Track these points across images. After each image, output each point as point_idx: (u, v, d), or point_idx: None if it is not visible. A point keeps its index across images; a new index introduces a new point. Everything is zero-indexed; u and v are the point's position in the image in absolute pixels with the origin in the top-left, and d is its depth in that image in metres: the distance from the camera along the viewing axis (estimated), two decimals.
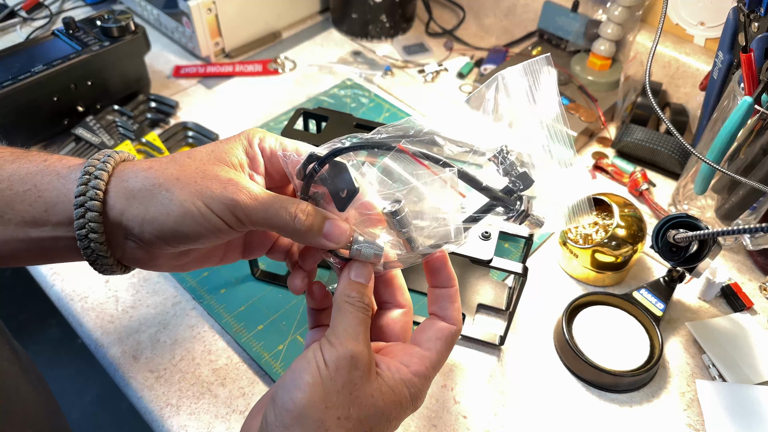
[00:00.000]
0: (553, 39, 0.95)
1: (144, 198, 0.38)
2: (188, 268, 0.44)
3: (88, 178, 0.38)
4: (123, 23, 0.82)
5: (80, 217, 0.37)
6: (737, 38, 0.67)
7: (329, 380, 0.36)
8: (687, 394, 0.60)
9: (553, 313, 0.66)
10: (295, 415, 0.36)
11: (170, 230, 0.37)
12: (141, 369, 0.60)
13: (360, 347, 0.37)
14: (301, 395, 0.36)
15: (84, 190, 0.38)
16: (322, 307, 0.45)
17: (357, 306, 0.39)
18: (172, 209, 0.37)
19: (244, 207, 0.37)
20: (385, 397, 0.38)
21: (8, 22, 1.04)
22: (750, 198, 0.65)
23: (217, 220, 0.37)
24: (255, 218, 0.38)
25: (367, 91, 0.94)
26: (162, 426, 0.56)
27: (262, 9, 1.00)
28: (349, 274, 0.40)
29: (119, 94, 0.86)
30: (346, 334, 0.37)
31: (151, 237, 0.38)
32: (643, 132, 0.80)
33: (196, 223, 0.37)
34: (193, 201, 0.37)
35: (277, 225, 0.38)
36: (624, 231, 0.65)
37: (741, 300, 0.66)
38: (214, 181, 0.38)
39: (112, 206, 0.38)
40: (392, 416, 0.38)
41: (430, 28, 1.07)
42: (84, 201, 0.37)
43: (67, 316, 0.66)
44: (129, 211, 0.38)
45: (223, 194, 0.37)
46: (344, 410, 0.36)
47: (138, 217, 0.38)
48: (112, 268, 0.40)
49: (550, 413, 0.58)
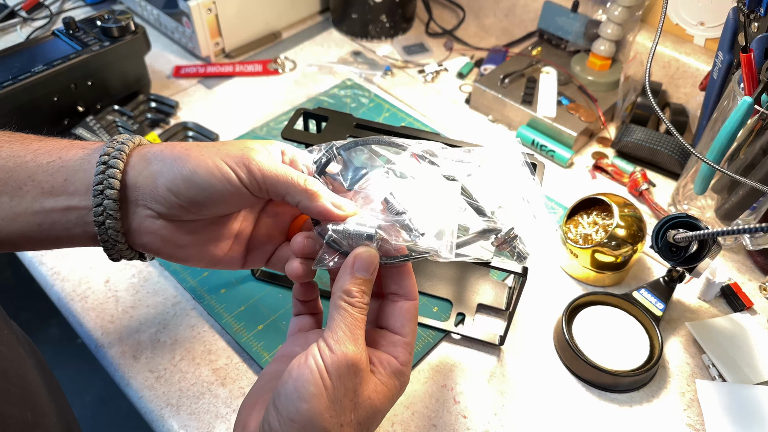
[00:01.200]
0: (553, 39, 0.95)
1: (163, 157, 0.40)
2: (191, 256, 0.44)
3: (115, 143, 0.41)
4: (123, 23, 0.82)
5: (101, 173, 0.39)
6: (737, 38, 0.67)
7: (332, 389, 0.36)
8: (687, 394, 0.60)
9: (553, 313, 0.66)
10: (301, 426, 0.36)
11: (183, 179, 0.39)
12: (141, 369, 0.60)
13: (359, 352, 0.37)
14: (306, 406, 0.36)
15: (110, 151, 0.40)
16: (307, 298, 0.45)
17: (357, 307, 0.39)
18: (188, 161, 0.39)
19: (258, 164, 0.39)
20: (380, 395, 0.39)
21: (8, 22, 1.04)
22: (750, 198, 0.65)
23: (231, 173, 0.39)
24: (269, 176, 0.39)
25: (367, 91, 0.94)
26: (162, 426, 0.56)
27: (262, 9, 1.00)
28: (351, 267, 0.39)
29: (119, 94, 0.86)
30: (345, 338, 0.37)
31: (164, 191, 0.39)
32: (643, 132, 0.81)
33: (210, 173, 0.39)
34: (212, 157, 0.39)
35: (289, 185, 0.40)
36: (624, 231, 0.65)
37: (741, 300, 0.66)
38: (232, 147, 0.40)
39: (132, 167, 0.40)
40: (385, 409, 0.40)
41: (430, 28, 1.07)
42: (107, 159, 0.39)
43: (67, 316, 0.66)
44: (147, 170, 0.40)
45: (241, 152, 0.40)
46: (347, 416, 0.37)
47: (155, 172, 0.40)
48: (117, 235, 0.41)
49: (550, 413, 0.58)
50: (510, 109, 0.87)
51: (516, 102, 0.86)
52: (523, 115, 0.86)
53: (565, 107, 0.85)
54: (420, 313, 0.65)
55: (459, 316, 0.65)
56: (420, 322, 0.64)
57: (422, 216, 0.41)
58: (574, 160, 0.84)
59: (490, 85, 0.89)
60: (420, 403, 0.58)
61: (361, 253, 0.39)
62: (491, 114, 0.90)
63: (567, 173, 0.82)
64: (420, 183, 0.42)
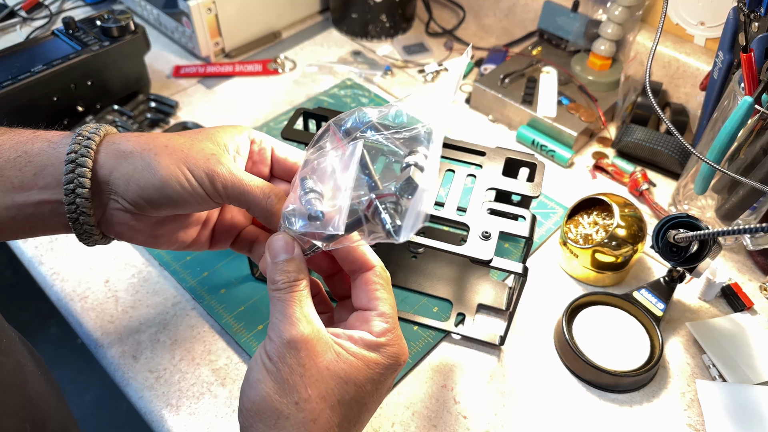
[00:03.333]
0: (553, 39, 0.95)
1: (134, 159, 0.40)
2: (161, 243, 0.46)
3: (81, 138, 0.40)
4: (123, 23, 0.82)
5: (70, 172, 0.39)
6: (737, 38, 0.67)
7: (275, 371, 0.37)
8: (687, 394, 0.60)
9: (553, 313, 0.66)
10: (254, 413, 0.37)
11: (154, 190, 0.40)
12: (141, 369, 0.60)
13: (295, 331, 0.37)
14: (254, 393, 0.37)
15: (76, 148, 0.40)
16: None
17: (283, 289, 0.39)
18: (158, 171, 0.40)
19: (222, 178, 0.41)
20: (346, 365, 0.37)
21: (8, 22, 1.04)
22: (750, 198, 0.65)
23: (198, 186, 0.40)
24: (231, 191, 0.41)
25: (367, 91, 0.93)
26: (162, 426, 0.56)
27: (262, 9, 1.00)
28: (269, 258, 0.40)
29: (119, 94, 0.86)
30: (279, 322, 0.38)
31: (134, 196, 0.40)
32: (643, 132, 0.80)
33: (179, 185, 0.40)
34: (179, 166, 0.40)
35: (250, 201, 0.42)
36: (624, 231, 0.65)
37: (741, 300, 0.66)
38: (198, 153, 0.41)
39: (102, 164, 0.40)
40: (366, 384, 0.38)
41: (430, 28, 1.07)
42: (75, 158, 0.39)
43: (66, 316, 0.66)
44: (118, 170, 0.40)
45: (206, 165, 0.41)
46: (300, 393, 0.36)
47: (126, 175, 0.40)
48: (92, 229, 0.42)
49: (551, 413, 0.58)
50: (510, 109, 0.87)
51: (516, 102, 0.86)
52: (524, 114, 0.86)
53: (565, 107, 0.85)
54: (420, 313, 0.64)
55: (459, 316, 0.65)
56: (420, 322, 0.64)
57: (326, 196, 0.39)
58: (575, 160, 0.84)
59: (490, 84, 0.89)
60: (420, 403, 0.58)
61: (272, 242, 0.40)
62: (491, 114, 0.90)
63: (567, 173, 0.82)
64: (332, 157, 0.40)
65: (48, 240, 0.71)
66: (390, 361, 0.39)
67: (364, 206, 0.38)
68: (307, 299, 0.39)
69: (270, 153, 0.47)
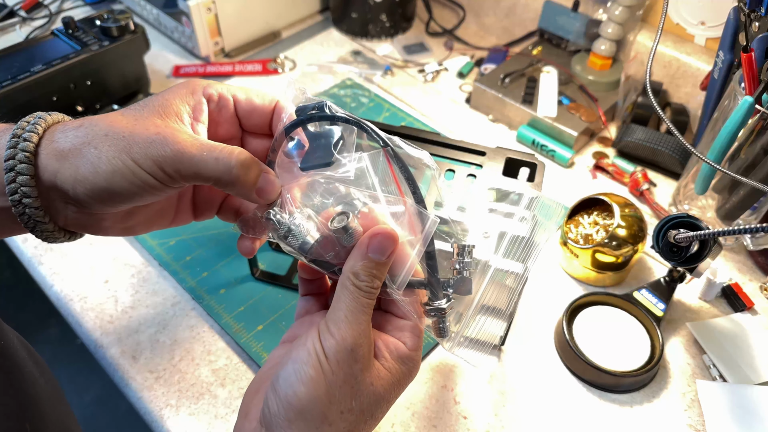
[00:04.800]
0: (553, 38, 0.95)
1: (74, 157, 0.36)
2: (138, 231, 0.42)
3: (16, 141, 0.36)
4: (122, 23, 0.82)
5: (11, 181, 0.35)
6: (738, 38, 0.67)
7: (331, 374, 0.35)
8: (688, 395, 0.60)
9: (554, 313, 0.66)
10: (299, 410, 0.35)
11: (101, 189, 0.36)
12: (140, 369, 0.60)
13: (361, 338, 0.36)
14: (304, 389, 0.35)
15: (13, 153, 0.35)
16: (313, 277, 0.44)
17: (364, 291, 0.37)
18: (100, 167, 0.35)
19: (171, 161, 0.36)
20: (384, 381, 0.38)
21: (8, 22, 1.03)
22: (751, 198, 0.65)
23: (146, 176, 0.36)
24: (184, 172, 0.36)
25: (367, 91, 0.93)
26: (162, 426, 0.56)
27: (262, 8, 1.00)
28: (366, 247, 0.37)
29: (119, 93, 0.86)
30: (347, 321, 0.36)
31: (84, 197, 0.36)
32: (643, 132, 0.80)
33: (126, 180, 0.36)
34: (121, 157, 0.35)
35: (210, 177, 0.36)
36: (624, 231, 0.64)
37: (742, 300, 0.66)
38: (141, 136, 0.36)
39: (44, 168, 0.36)
40: (391, 396, 0.39)
41: (430, 28, 1.07)
42: (14, 165, 0.35)
43: (66, 317, 0.66)
44: (61, 172, 0.36)
45: (150, 149, 0.35)
46: (347, 403, 0.36)
47: (70, 177, 0.36)
48: (53, 234, 0.38)
49: (551, 414, 0.58)
50: (510, 109, 0.87)
51: (516, 102, 0.86)
52: (524, 114, 0.86)
53: (565, 107, 0.85)
54: None
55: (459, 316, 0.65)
56: None
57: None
58: (575, 159, 0.84)
59: (491, 84, 0.88)
60: (420, 403, 0.58)
61: (379, 232, 0.37)
62: (491, 114, 0.90)
63: (567, 173, 0.82)
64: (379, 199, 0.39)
65: None
66: (410, 376, 0.40)
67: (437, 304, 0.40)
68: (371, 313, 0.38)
69: (233, 108, 0.42)
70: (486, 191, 0.57)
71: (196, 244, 0.71)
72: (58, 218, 0.38)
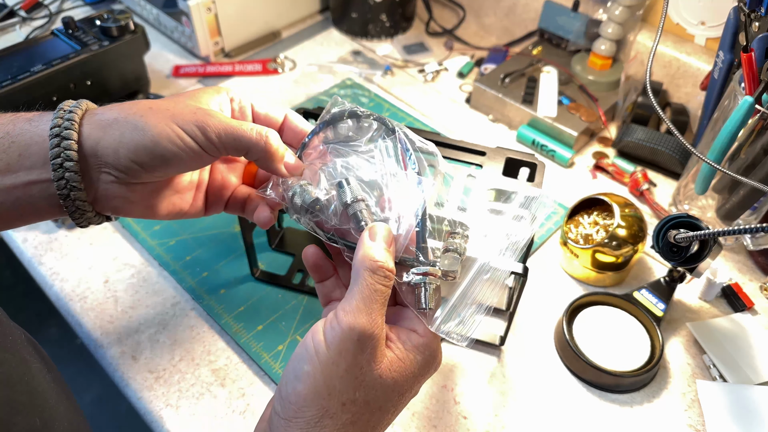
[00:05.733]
0: (553, 38, 0.95)
1: (119, 125, 0.39)
2: (158, 212, 0.44)
3: (63, 112, 0.39)
4: (122, 23, 0.82)
5: (56, 146, 0.38)
6: (738, 38, 0.67)
7: (330, 364, 0.35)
8: (688, 395, 0.60)
9: (554, 313, 0.66)
10: (299, 407, 0.35)
11: (146, 151, 0.39)
12: (140, 369, 0.60)
13: (370, 327, 0.35)
14: (301, 386, 0.35)
15: (59, 122, 0.38)
16: (322, 276, 0.44)
17: (378, 274, 0.37)
18: (148, 131, 0.38)
19: (214, 127, 0.40)
20: (394, 372, 0.37)
21: (8, 22, 1.03)
22: (751, 198, 0.65)
23: (190, 141, 0.39)
24: (226, 138, 0.40)
25: (367, 91, 0.93)
26: (161, 426, 0.56)
27: (262, 8, 1.00)
28: (369, 235, 0.38)
29: (118, 93, 0.86)
30: (357, 310, 0.36)
31: (126, 162, 0.39)
32: (643, 132, 0.80)
33: (172, 142, 0.39)
34: (167, 123, 0.39)
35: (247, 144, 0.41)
36: (625, 231, 0.64)
37: (742, 300, 0.66)
38: (185, 109, 0.40)
39: (88, 136, 0.39)
40: (404, 387, 0.38)
41: (430, 28, 1.07)
42: (60, 131, 0.38)
43: (66, 317, 0.66)
44: (105, 139, 0.39)
45: (194, 117, 0.40)
46: (349, 395, 0.36)
47: (114, 142, 0.39)
48: (84, 205, 0.40)
49: (551, 414, 0.58)
50: (510, 109, 0.87)
51: (516, 102, 0.86)
52: (524, 114, 0.86)
53: (565, 107, 0.85)
54: None
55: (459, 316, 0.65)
56: None
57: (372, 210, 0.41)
58: (575, 159, 0.84)
59: (491, 84, 0.88)
60: (420, 403, 0.58)
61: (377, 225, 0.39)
62: (491, 114, 0.90)
63: (567, 173, 0.82)
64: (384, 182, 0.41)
65: (47, 240, 0.71)
66: (428, 366, 0.39)
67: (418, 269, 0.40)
68: (386, 304, 0.37)
69: (250, 111, 0.46)
70: (486, 191, 0.57)
71: (196, 244, 0.71)
72: (90, 191, 0.40)
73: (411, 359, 0.38)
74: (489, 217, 0.54)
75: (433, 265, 0.40)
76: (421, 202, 0.40)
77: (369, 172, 0.42)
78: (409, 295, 0.40)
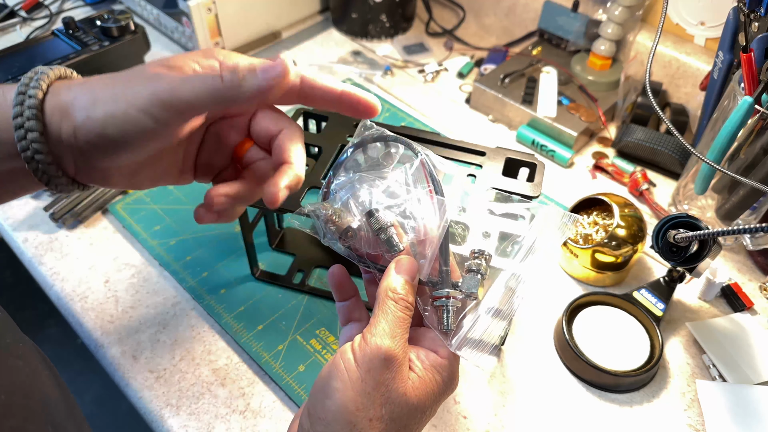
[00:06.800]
0: (553, 39, 0.95)
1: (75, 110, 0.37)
2: (144, 185, 0.43)
3: (22, 98, 0.37)
4: (123, 23, 0.82)
5: (22, 138, 0.37)
6: (737, 38, 0.67)
7: (359, 381, 0.36)
8: (687, 395, 0.60)
9: (553, 313, 0.66)
10: (327, 422, 0.36)
11: (97, 136, 0.36)
12: (141, 369, 0.60)
13: (396, 349, 0.37)
14: (330, 402, 0.36)
15: (20, 110, 0.37)
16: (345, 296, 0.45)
17: (400, 304, 0.39)
18: (95, 115, 0.36)
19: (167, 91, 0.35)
20: (418, 391, 0.38)
21: (8, 22, 1.03)
22: (750, 198, 0.65)
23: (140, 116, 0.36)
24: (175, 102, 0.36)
25: (367, 91, 0.93)
26: (162, 426, 0.56)
27: (262, 9, 1.00)
28: (395, 268, 0.40)
29: None
30: (383, 332, 0.37)
31: (85, 146, 0.37)
32: (643, 132, 0.80)
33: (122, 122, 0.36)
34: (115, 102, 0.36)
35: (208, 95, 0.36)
36: (624, 231, 0.65)
37: (741, 300, 0.66)
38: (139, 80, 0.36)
39: (50, 123, 0.37)
40: (426, 406, 0.39)
41: (430, 28, 1.07)
42: (22, 122, 0.36)
43: (66, 316, 0.66)
44: (64, 125, 0.37)
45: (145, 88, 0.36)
46: (376, 411, 0.37)
47: (70, 128, 0.37)
48: (67, 187, 0.39)
49: (551, 413, 0.58)
50: (510, 109, 0.87)
51: (516, 102, 0.86)
52: (524, 114, 0.86)
53: (565, 107, 0.85)
54: None
55: None
56: None
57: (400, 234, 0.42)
58: (575, 160, 0.84)
59: (491, 84, 0.89)
60: None
61: (403, 258, 0.40)
62: (491, 114, 0.90)
63: (567, 173, 0.82)
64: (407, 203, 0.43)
65: (48, 240, 0.71)
66: (446, 387, 0.40)
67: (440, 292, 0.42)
68: (408, 328, 0.39)
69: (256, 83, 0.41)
70: (486, 191, 0.57)
71: (197, 244, 0.71)
72: (68, 170, 0.39)
73: (431, 379, 0.39)
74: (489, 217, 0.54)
75: (455, 286, 0.41)
76: (445, 227, 0.42)
77: (396, 198, 0.43)
78: (432, 316, 0.42)
